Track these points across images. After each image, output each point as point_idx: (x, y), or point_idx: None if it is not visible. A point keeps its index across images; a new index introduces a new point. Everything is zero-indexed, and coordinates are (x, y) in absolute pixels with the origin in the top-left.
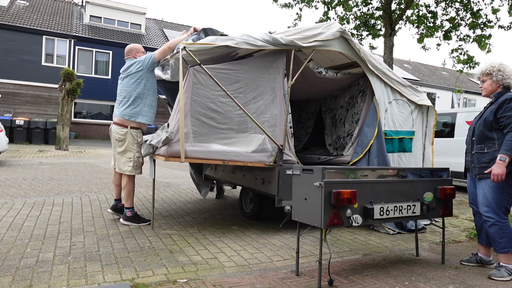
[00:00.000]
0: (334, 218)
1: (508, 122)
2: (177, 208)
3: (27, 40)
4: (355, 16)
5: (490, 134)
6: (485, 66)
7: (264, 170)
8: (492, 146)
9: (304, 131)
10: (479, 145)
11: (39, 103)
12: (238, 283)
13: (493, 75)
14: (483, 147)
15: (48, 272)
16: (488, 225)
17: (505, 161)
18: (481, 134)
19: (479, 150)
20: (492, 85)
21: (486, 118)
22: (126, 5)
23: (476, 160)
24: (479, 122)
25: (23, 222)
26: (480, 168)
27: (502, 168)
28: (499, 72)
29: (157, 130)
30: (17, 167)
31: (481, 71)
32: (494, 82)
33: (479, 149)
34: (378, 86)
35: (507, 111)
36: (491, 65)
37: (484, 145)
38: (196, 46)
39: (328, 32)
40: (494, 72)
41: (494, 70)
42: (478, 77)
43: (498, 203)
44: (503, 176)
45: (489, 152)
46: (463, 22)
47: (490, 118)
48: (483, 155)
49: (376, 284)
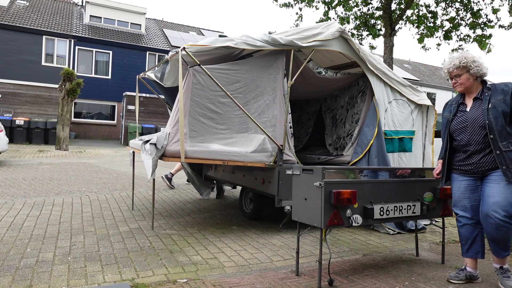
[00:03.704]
0: (334, 218)
1: None
2: (177, 208)
3: (27, 40)
4: (355, 16)
5: (510, 128)
6: (458, 60)
7: (264, 170)
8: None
9: (304, 131)
10: (504, 142)
11: (39, 103)
12: (238, 283)
13: (469, 67)
14: (508, 144)
15: (48, 272)
16: (503, 231)
17: None
18: (504, 129)
19: (508, 148)
20: (470, 78)
21: (503, 110)
22: (126, 5)
23: (508, 160)
24: (492, 116)
25: (23, 222)
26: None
27: None
28: (475, 63)
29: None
30: (17, 167)
31: (453, 65)
32: (471, 74)
33: (506, 146)
34: (378, 86)
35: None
36: (464, 57)
37: (508, 141)
38: (195, 47)
39: (328, 32)
40: (470, 64)
41: (469, 61)
42: (448, 72)
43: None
44: None
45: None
46: (463, 22)
47: (508, 109)
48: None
49: (376, 284)
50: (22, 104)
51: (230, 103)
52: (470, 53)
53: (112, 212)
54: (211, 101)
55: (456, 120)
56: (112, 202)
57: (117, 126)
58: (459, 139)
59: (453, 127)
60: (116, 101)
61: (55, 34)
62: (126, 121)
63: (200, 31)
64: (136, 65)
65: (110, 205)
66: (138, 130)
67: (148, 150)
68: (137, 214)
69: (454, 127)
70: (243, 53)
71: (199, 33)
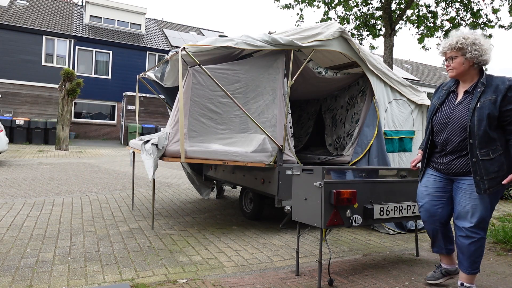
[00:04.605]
0: (334, 218)
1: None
2: (177, 208)
3: (27, 40)
4: (355, 16)
5: (493, 134)
6: (455, 38)
7: (264, 170)
8: (496, 150)
9: (304, 131)
10: (484, 150)
11: (39, 103)
12: (238, 283)
13: (466, 50)
14: (488, 151)
15: (48, 272)
16: (471, 241)
17: None
18: (486, 135)
19: (485, 157)
20: (465, 63)
21: (490, 113)
22: (126, 5)
23: (484, 169)
24: (477, 118)
25: (23, 222)
26: (490, 180)
27: None
28: (474, 46)
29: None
30: (17, 167)
31: (449, 45)
32: (467, 59)
33: (485, 154)
34: (378, 86)
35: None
36: (463, 37)
37: (488, 149)
38: (195, 47)
39: (328, 32)
40: (468, 47)
41: (468, 43)
42: (443, 52)
43: (488, 217)
44: None
45: (495, 157)
46: (464, 22)
47: (496, 113)
48: (491, 162)
49: (376, 284)
50: (22, 104)
51: (230, 103)
52: (473, 33)
53: (112, 212)
54: (211, 101)
55: (441, 112)
56: (112, 202)
57: (117, 126)
58: (438, 135)
59: (435, 119)
60: (116, 101)
61: (55, 34)
62: (126, 121)
63: (200, 31)
64: (136, 65)
65: (110, 205)
66: (138, 130)
67: (149, 150)
68: (137, 214)
69: (436, 120)
70: (243, 53)
71: (199, 33)
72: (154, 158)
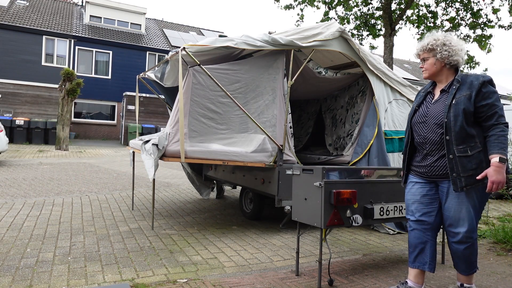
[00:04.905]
0: (334, 218)
1: (492, 112)
2: (177, 208)
3: (27, 40)
4: (356, 16)
5: (471, 130)
6: (427, 40)
7: (264, 170)
8: (475, 146)
9: (304, 131)
10: (461, 146)
11: (39, 103)
12: (238, 283)
13: (436, 51)
14: (465, 148)
15: (48, 272)
16: (466, 246)
17: (505, 164)
18: (462, 131)
19: (463, 153)
20: (436, 64)
21: (465, 108)
22: (126, 5)
23: (461, 166)
24: (453, 114)
25: (23, 222)
26: (468, 177)
27: (503, 173)
28: (444, 47)
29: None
30: (17, 167)
31: (421, 47)
32: (438, 60)
33: (462, 151)
34: (378, 86)
35: (486, 98)
36: (434, 38)
37: (466, 145)
38: (195, 47)
39: (328, 32)
40: (438, 47)
41: (438, 44)
42: (417, 54)
43: (478, 218)
44: (504, 183)
45: (473, 154)
46: (463, 22)
47: (471, 108)
48: (468, 159)
49: (376, 284)
50: (22, 104)
51: (230, 103)
52: (445, 35)
53: (112, 212)
54: (211, 101)
55: (418, 113)
56: (112, 202)
57: (117, 126)
58: (417, 136)
59: (413, 120)
60: (116, 101)
61: (55, 34)
62: (126, 121)
63: (200, 31)
64: (136, 65)
65: (110, 205)
66: (138, 130)
67: (149, 150)
68: (137, 214)
69: (414, 120)
70: (243, 53)
71: (199, 33)
72: (155, 158)
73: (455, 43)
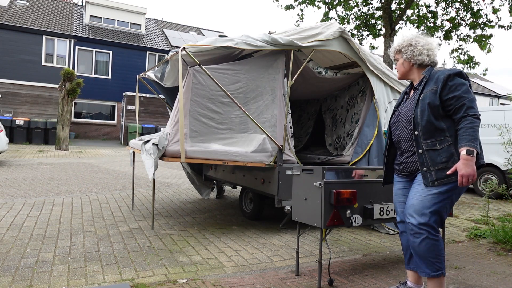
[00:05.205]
0: (334, 218)
1: (460, 104)
2: (177, 208)
3: (27, 40)
4: (356, 16)
5: (439, 123)
6: (396, 42)
7: (264, 170)
8: (444, 140)
9: (304, 131)
10: (429, 140)
11: (39, 103)
12: (238, 283)
13: (402, 51)
14: (434, 142)
15: (48, 272)
16: (421, 239)
17: (474, 156)
18: (428, 124)
19: (431, 147)
20: (404, 64)
21: (430, 102)
22: (126, 5)
23: (430, 160)
24: (418, 109)
25: (23, 222)
26: (438, 171)
27: (472, 165)
28: (410, 48)
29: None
30: (17, 167)
31: (393, 49)
32: (405, 60)
33: (430, 145)
34: (378, 86)
35: (453, 90)
36: (403, 39)
37: (434, 139)
38: (195, 47)
39: (328, 32)
40: (404, 48)
41: (405, 45)
42: (392, 56)
43: (439, 212)
44: (475, 176)
45: (443, 147)
46: (463, 22)
47: (436, 102)
48: (437, 152)
49: (376, 284)
50: (22, 104)
51: (230, 103)
52: (414, 36)
53: (112, 212)
54: (212, 101)
55: (396, 113)
56: (112, 202)
57: (117, 126)
58: (393, 135)
59: (391, 121)
60: (116, 101)
61: (55, 34)
62: (126, 121)
63: (200, 31)
64: (136, 65)
65: (110, 205)
66: (138, 130)
67: (149, 150)
68: (137, 214)
69: (391, 121)
70: (243, 53)
71: (199, 33)
72: (154, 158)
73: (423, 43)
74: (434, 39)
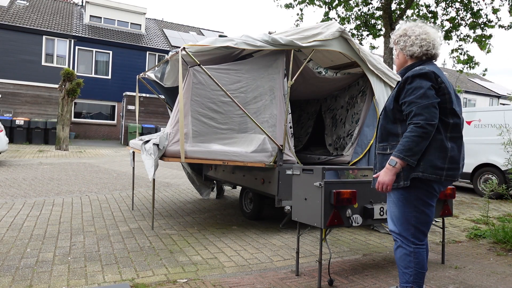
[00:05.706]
0: (334, 218)
1: (409, 111)
2: (177, 208)
3: (27, 40)
4: (356, 16)
5: (394, 128)
6: (395, 32)
7: (264, 170)
8: (395, 145)
9: (304, 131)
10: (381, 144)
11: (39, 103)
12: (238, 283)
13: (396, 42)
14: (386, 146)
15: (48, 272)
16: (396, 245)
17: (395, 167)
18: (383, 128)
19: (381, 151)
20: (399, 55)
21: (387, 106)
22: (126, 5)
23: (379, 164)
24: (382, 112)
25: (23, 222)
26: None
27: (390, 175)
28: (403, 38)
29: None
30: (17, 167)
31: (392, 41)
32: (400, 51)
33: (381, 148)
34: (378, 86)
35: (408, 95)
36: (398, 29)
37: (387, 143)
38: (195, 47)
39: (328, 32)
40: (397, 38)
41: (399, 35)
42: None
43: (406, 221)
44: (389, 186)
45: (391, 153)
46: (463, 22)
47: (391, 106)
48: (385, 157)
49: (376, 284)
50: (22, 104)
51: (231, 103)
52: (412, 24)
53: (112, 212)
54: (213, 100)
55: None
56: (112, 202)
57: (117, 126)
58: None
59: None
60: (116, 101)
61: (55, 34)
62: (126, 121)
63: (200, 31)
64: (136, 65)
65: (110, 205)
66: (138, 130)
67: (149, 150)
68: (137, 214)
69: None
70: (243, 53)
71: (199, 33)
72: (155, 158)
73: (419, 32)
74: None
